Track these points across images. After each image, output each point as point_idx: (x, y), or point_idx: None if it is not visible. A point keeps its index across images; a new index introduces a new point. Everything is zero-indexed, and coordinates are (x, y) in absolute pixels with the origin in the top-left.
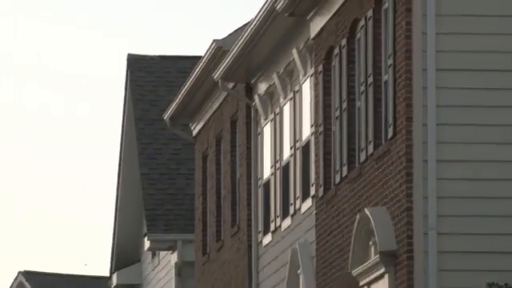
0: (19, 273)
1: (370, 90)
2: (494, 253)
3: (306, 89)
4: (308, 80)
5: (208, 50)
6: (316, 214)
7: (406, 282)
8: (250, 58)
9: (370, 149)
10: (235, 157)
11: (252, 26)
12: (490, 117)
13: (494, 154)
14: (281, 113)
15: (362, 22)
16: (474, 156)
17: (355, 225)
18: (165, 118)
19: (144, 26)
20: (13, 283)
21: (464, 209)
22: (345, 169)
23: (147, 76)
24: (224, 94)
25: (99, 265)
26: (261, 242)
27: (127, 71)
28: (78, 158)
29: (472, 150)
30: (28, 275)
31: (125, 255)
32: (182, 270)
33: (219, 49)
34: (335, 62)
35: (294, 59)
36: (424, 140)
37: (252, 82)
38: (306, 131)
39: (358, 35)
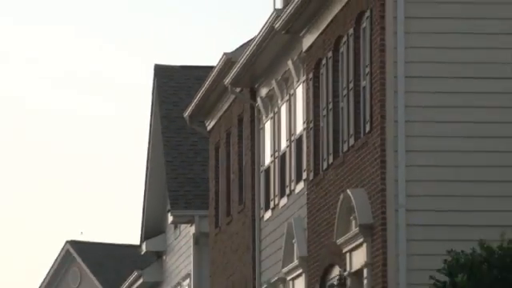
0: (66, 242)
1: (351, 93)
2: (453, 226)
3: (299, 92)
4: (301, 85)
5: (219, 61)
6: (307, 194)
7: (381, 249)
8: (254, 68)
9: (351, 141)
10: (242, 148)
11: (255, 42)
12: (450, 115)
13: (454, 146)
14: (279, 112)
15: (345, 39)
16: (437, 148)
17: (339, 203)
18: (185, 116)
19: (167, 40)
20: (60, 251)
21: (428, 190)
22: (331, 157)
23: (170, 82)
24: (232, 96)
25: (131, 235)
26: (262, 217)
27: (154, 78)
28: (116, 150)
29: (435, 143)
30: (74, 244)
31: (152, 227)
32: (199, 239)
33: (229, 60)
34: (323, 71)
35: (289, 68)
36: (395, 134)
37: (255, 86)
38: (299, 127)
39: (342, 49)
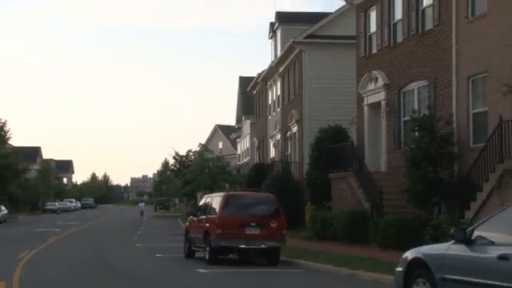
0: (215, 125)
1: (292, 85)
2: (326, 120)
3: (279, 83)
4: (279, 81)
5: (256, 75)
6: (281, 111)
7: (301, 122)
8: (266, 77)
9: (293, 97)
10: (264, 98)
11: (267, 69)
12: (325, 86)
13: (326, 96)
14: (273, 89)
15: (291, 69)
16: (318, 99)
17: (289, 114)
18: (247, 90)
19: (248, 60)
20: (211, 132)
21: (315, 105)
22: (287, 101)
23: (250, 91)
24: (260, 85)
25: (232, 121)
26: (268, 116)
27: (239, 84)
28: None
29: (318, 97)
30: (220, 127)
31: (238, 119)
32: (252, 124)
33: (259, 74)
34: (285, 78)
35: (276, 77)
36: (305, 98)
37: (266, 82)
38: (279, 93)
39: (290, 71)
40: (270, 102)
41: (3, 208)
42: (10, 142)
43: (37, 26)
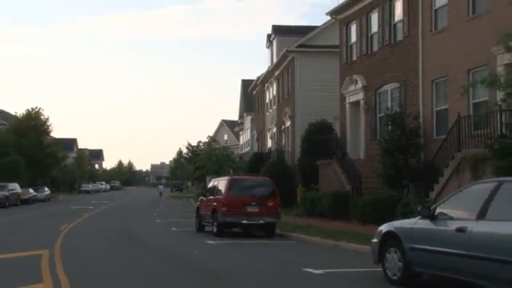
0: (221, 120)
1: (286, 87)
2: (318, 115)
3: (275, 85)
4: (275, 83)
5: (256, 78)
6: (277, 108)
7: (294, 108)
8: (264, 80)
9: (286, 96)
10: (263, 97)
11: (263, 74)
12: (316, 88)
13: (315, 92)
14: (270, 89)
15: (285, 74)
16: (309, 97)
17: (283, 112)
18: (248, 90)
19: (249, 65)
20: (218, 126)
21: (307, 101)
22: (282, 98)
23: (250, 91)
24: (259, 87)
25: (235, 116)
26: (265, 112)
27: (242, 86)
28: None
29: (310, 94)
30: (225, 122)
31: (240, 115)
32: (253, 119)
33: (258, 78)
34: (280, 81)
35: (271, 79)
36: (297, 97)
37: (264, 83)
38: (275, 93)
39: (284, 75)
40: (267, 100)
41: (47, 189)
42: (52, 134)
43: (72, 32)
